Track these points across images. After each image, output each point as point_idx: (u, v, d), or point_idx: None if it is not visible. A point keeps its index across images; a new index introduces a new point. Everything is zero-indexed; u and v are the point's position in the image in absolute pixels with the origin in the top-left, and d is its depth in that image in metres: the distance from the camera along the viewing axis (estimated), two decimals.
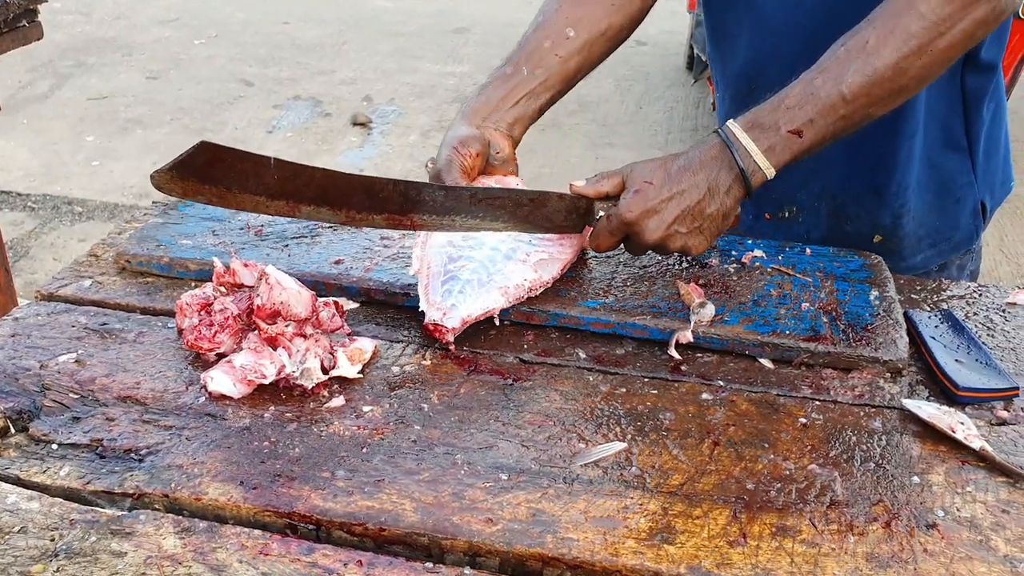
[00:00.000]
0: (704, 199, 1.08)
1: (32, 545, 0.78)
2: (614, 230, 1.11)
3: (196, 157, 0.98)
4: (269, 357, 0.98)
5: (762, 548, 0.80)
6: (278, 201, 1.03)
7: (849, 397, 1.01)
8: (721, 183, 1.08)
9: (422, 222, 1.10)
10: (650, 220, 1.08)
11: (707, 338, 1.07)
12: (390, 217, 1.09)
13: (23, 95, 5.43)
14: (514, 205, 1.12)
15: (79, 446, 0.90)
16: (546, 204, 1.13)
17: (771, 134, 1.07)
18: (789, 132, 1.06)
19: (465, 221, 1.11)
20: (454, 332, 1.05)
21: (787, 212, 1.39)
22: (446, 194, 1.09)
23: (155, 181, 0.98)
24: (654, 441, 0.92)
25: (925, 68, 1.06)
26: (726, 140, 1.08)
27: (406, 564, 0.77)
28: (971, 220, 1.40)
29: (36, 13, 1.92)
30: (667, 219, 1.08)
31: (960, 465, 0.90)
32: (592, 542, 0.79)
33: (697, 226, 1.09)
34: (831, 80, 1.06)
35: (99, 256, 1.25)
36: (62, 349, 1.04)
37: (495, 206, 1.11)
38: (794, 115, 1.06)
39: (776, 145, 1.07)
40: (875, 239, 1.36)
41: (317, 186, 1.05)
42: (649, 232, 1.09)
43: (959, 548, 0.80)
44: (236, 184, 1.01)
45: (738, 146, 1.07)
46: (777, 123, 1.07)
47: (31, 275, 3.66)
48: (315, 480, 0.86)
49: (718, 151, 1.08)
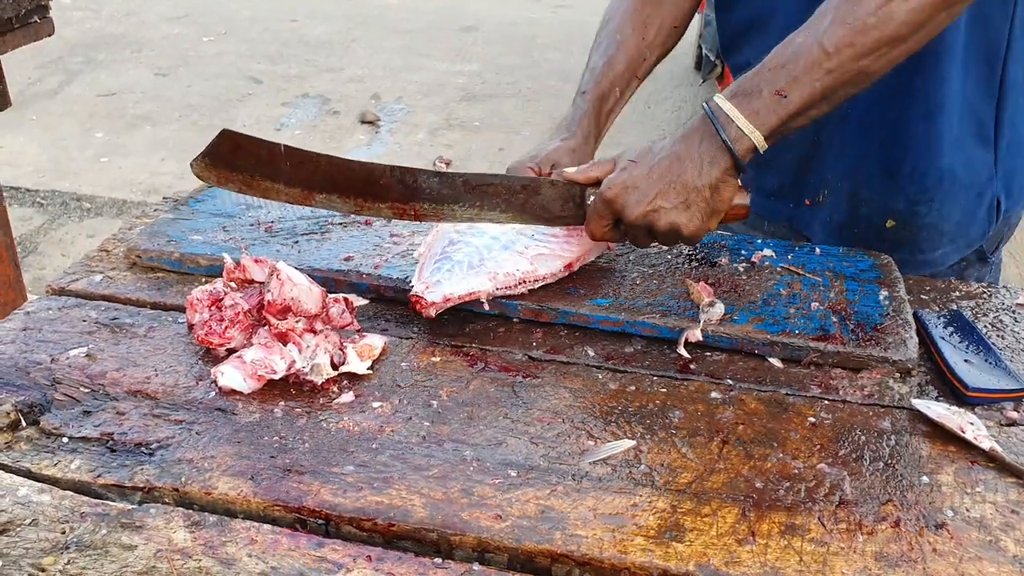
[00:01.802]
0: (685, 171, 1.05)
1: (43, 537, 0.78)
2: (600, 211, 1.09)
3: (221, 145, 1.05)
4: (279, 352, 0.98)
5: (771, 547, 0.80)
6: (293, 189, 1.09)
7: (858, 397, 1.01)
8: (704, 154, 1.05)
9: (423, 211, 1.13)
10: (630, 196, 1.06)
11: (716, 337, 1.07)
12: (394, 206, 1.12)
13: (32, 91, 5.45)
14: (508, 192, 1.13)
15: (90, 440, 0.90)
16: (539, 191, 1.14)
17: (754, 99, 1.03)
18: (773, 94, 1.02)
19: (464, 210, 1.13)
20: (436, 307, 1.06)
21: (822, 196, 1.36)
22: (441, 181, 1.12)
23: (195, 169, 1.07)
24: (663, 439, 0.92)
25: (917, 12, 0.99)
26: (709, 112, 1.05)
27: (415, 559, 0.77)
28: (985, 216, 1.35)
29: (47, 9, 1.93)
30: (648, 194, 1.06)
31: (969, 465, 0.90)
32: (601, 539, 0.79)
33: (682, 200, 1.05)
34: (812, 35, 1.01)
35: (110, 251, 1.25)
36: (73, 343, 1.04)
37: (489, 193, 1.13)
38: (776, 75, 1.02)
39: (760, 109, 1.02)
40: (888, 223, 1.32)
41: (324, 173, 1.09)
42: (631, 208, 1.06)
43: (968, 548, 0.80)
44: (257, 171, 1.08)
45: (719, 115, 1.04)
46: (759, 87, 1.03)
47: (39, 271, 3.68)
48: (324, 475, 0.86)
49: (700, 123, 1.06)
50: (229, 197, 1.34)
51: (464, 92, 5.65)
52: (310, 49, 6.45)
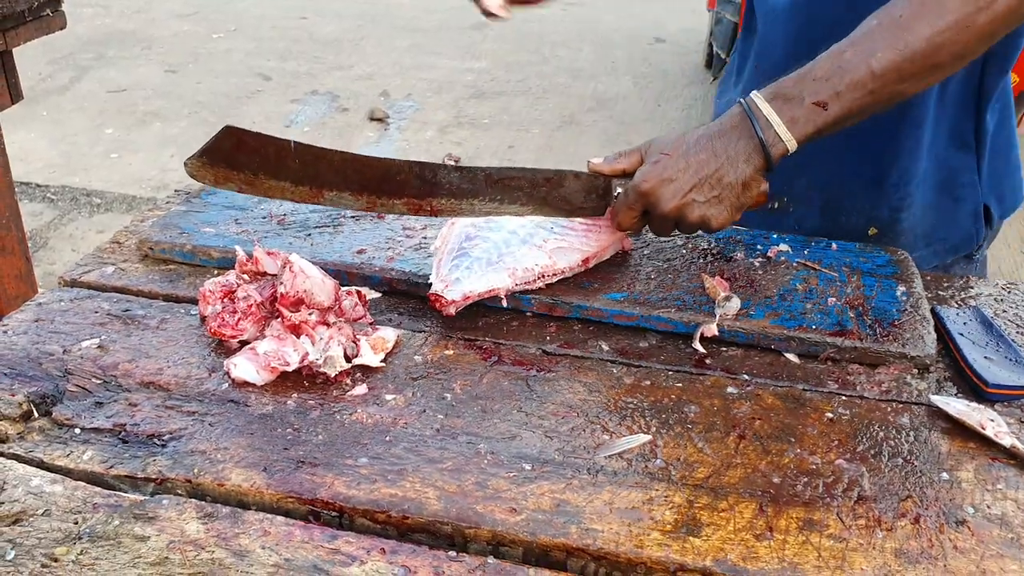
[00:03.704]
0: (722, 167, 1.05)
1: (56, 528, 0.78)
2: (632, 203, 1.09)
3: (222, 142, 1.00)
4: (292, 344, 0.97)
5: (789, 542, 0.79)
6: (302, 187, 1.05)
7: (876, 392, 0.99)
8: (740, 152, 1.05)
9: (441, 206, 1.10)
10: (666, 189, 1.06)
11: (732, 332, 1.06)
12: (409, 201, 1.10)
13: (43, 87, 5.47)
14: (531, 186, 1.12)
15: (102, 431, 0.90)
16: (563, 184, 1.12)
17: (795, 105, 1.04)
18: (814, 104, 1.03)
19: (484, 204, 1.11)
20: (455, 305, 1.05)
21: (776, 203, 1.37)
22: (461, 175, 1.09)
23: (188, 169, 1.01)
24: (679, 434, 0.91)
25: (963, 45, 1.01)
26: (747, 110, 1.06)
27: (429, 552, 0.77)
28: (971, 223, 1.36)
29: (59, 2, 1.93)
30: (683, 187, 1.06)
31: (990, 462, 0.89)
32: (617, 533, 0.79)
33: (716, 195, 1.06)
34: (861, 54, 1.02)
35: (122, 243, 1.25)
36: (85, 335, 1.04)
37: (511, 187, 1.11)
38: (820, 87, 1.03)
39: (799, 117, 1.04)
40: (870, 231, 1.33)
41: (337, 170, 1.06)
42: (665, 201, 1.06)
43: (990, 545, 0.79)
44: (262, 169, 1.03)
45: (759, 116, 1.05)
46: (802, 94, 1.04)
47: (50, 265, 3.69)
48: (338, 467, 0.85)
49: (738, 120, 1.06)
50: None
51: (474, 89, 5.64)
52: (319, 46, 6.45)
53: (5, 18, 1.80)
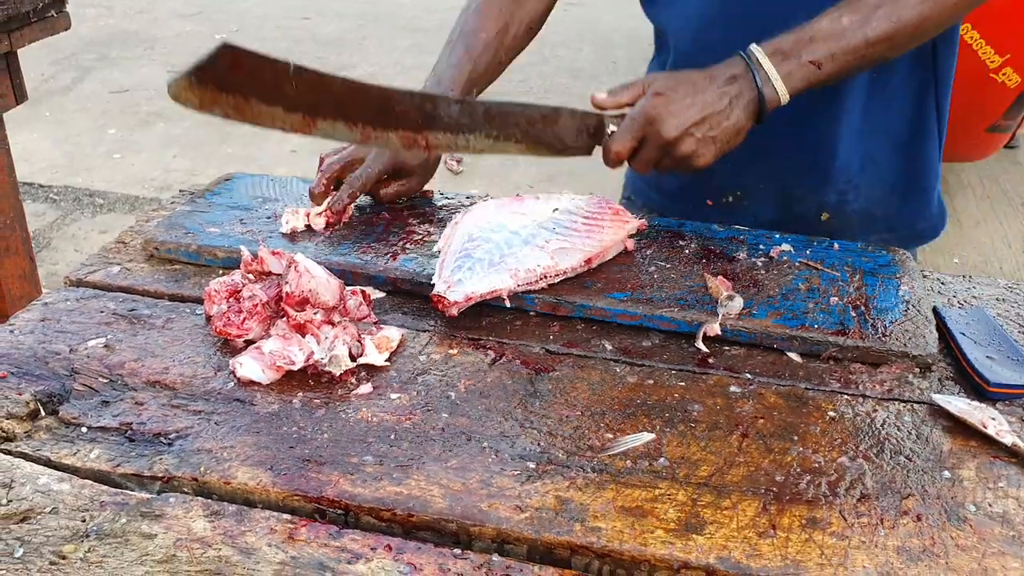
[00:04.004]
0: (724, 110, 1.12)
1: (63, 526, 0.78)
2: (635, 128, 1.14)
3: (217, 62, 0.92)
4: (298, 344, 0.98)
5: (792, 540, 0.79)
6: (294, 114, 0.99)
7: (878, 391, 1.00)
8: (740, 100, 1.13)
9: (436, 140, 1.09)
10: (671, 118, 1.12)
11: (735, 331, 1.06)
12: (405, 135, 1.07)
13: (46, 87, 5.48)
14: (527, 122, 1.14)
15: (108, 429, 0.90)
16: (557, 122, 1.15)
17: (792, 62, 1.12)
18: (809, 62, 1.12)
19: (479, 140, 1.11)
20: (457, 306, 1.05)
21: (730, 197, 1.42)
22: (460, 109, 1.09)
23: (172, 90, 0.92)
24: (682, 432, 0.92)
25: (948, 15, 1.14)
26: (749, 62, 1.13)
27: (435, 550, 0.77)
28: (938, 211, 1.44)
29: (64, 3, 1.94)
30: (687, 120, 1.11)
31: (991, 460, 0.90)
32: (621, 531, 0.79)
33: (712, 135, 1.13)
34: (858, 22, 1.11)
35: (127, 243, 1.25)
36: (91, 334, 1.05)
37: (508, 123, 1.13)
38: (817, 48, 1.12)
39: (794, 72, 1.12)
40: (823, 217, 1.39)
41: (335, 97, 1.01)
42: (668, 129, 1.11)
43: (991, 543, 0.79)
44: (254, 93, 0.95)
45: (759, 69, 1.13)
46: (799, 52, 1.12)
47: (52, 266, 3.69)
48: (344, 465, 0.86)
49: (742, 70, 1.13)
50: (246, 190, 1.35)
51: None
52: (322, 46, 6.46)
53: (10, 19, 1.81)
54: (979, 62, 3.39)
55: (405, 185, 1.33)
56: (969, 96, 3.51)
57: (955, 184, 4.51)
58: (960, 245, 3.96)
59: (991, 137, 3.75)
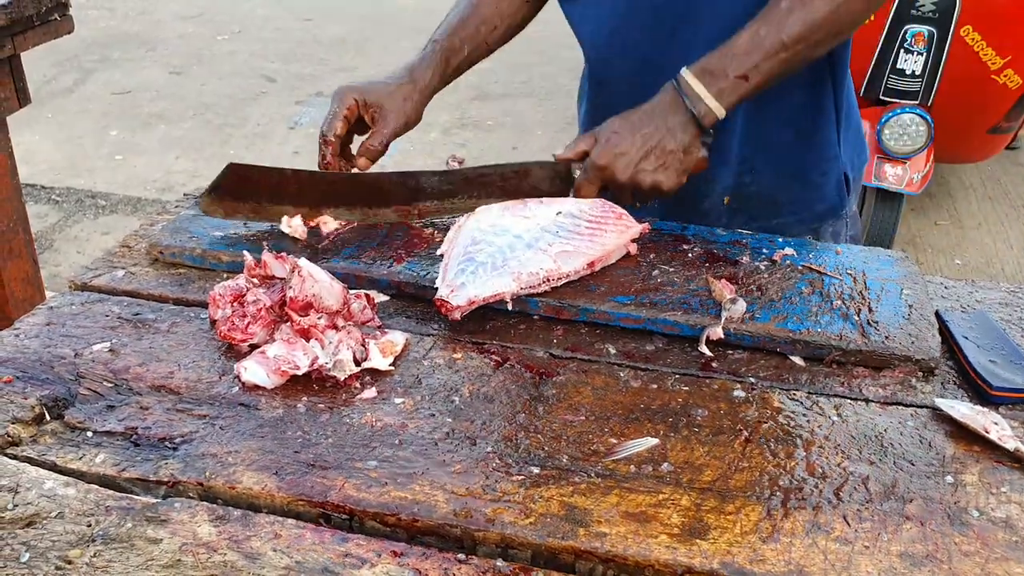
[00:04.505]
0: (664, 138, 1.21)
1: (69, 530, 0.79)
2: (591, 179, 1.25)
3: (226, 178, 1.17)
4: (302, 348, 0.98)
5: (795, 545, 0.79)
6: (302, 207, 1.21)
7: (881, 395, 1.00)
8: (677, 124, 1.21)
9: (426, 209, 1.25)
10: (619, 162, 1.22)
11: (738, 335, 1.07)
12: (398, 208, 1.25)
13: (48, 89, 5.48)
14: (502, 179, 1.27)
15: (114, 434, 0.91)
16: (529, 174, 1.28)
17: (720, 79, 1.20)
18: (737, 77, 1.19)
19: (463, 201, 1.26)
20: (460, 310, 1.06)
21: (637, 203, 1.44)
22: (441, 179, 1.24)
23: (202, 206, 1.20)
24: (686, 437, 0.92)
25: (856, 13, 1.20)
26: (678, 88, 1.21)
27: (439, 555, 0.77)
28: (836, 192, 1.48)
29: (67, 7, 1.94)
30: (634, 159, 1.21)
31: (995, 465, 0.90)
32: (625, 536, 0.79)
33: (662, 163, 1.22)
34: (774, 30, 1.18)
35: (132, 247, 1.26)
36: (96, 338, 1.05)
37: (486, 183, 1.27)
38: (741, 62, 1.19)
39: (725, 89, 1.20)
40: (724, 200, 1.45)
41: (331, 189, 1.21)
42: (620, 172, 1.22)
43: (995, 548, 0.80)
44: (265, 197, 1.19)
45: (689, 92, 1.21)
46: (726, 70, 1.20)
47: (55, 267, 3.70)
48: (348, 470, 0.86)
49: (672, 97, 1.22)
50: None
51: (478, 91, 5.65)
52: (324, 48, 6.46)
53: (13, 23, 1.81)
54: (981, 64, 3.40)
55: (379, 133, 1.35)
56: (971, 98, 3.51)
57: (957, 185, 4.51)
58: (962, 246, 3.96)
59: (993, 138, 3.75)
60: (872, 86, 3.45)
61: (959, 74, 3.37)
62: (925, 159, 3.41)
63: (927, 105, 3.38)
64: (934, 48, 3.31)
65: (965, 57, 3.36)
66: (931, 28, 3.30)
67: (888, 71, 3.39)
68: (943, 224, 4.14)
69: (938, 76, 3.36)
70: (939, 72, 3.35)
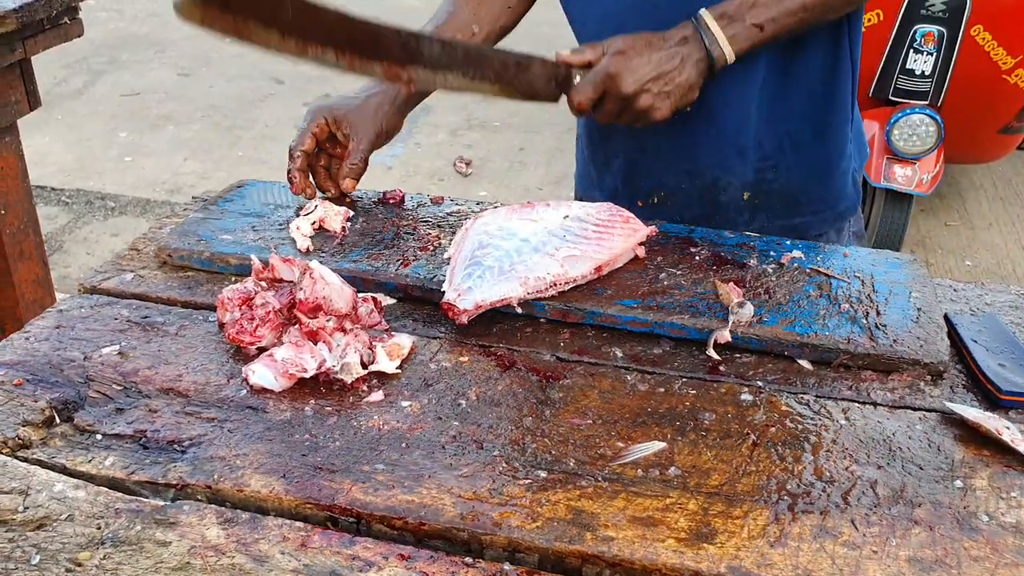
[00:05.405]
0: (677, 67, 1.23)
1: (79, 533, 0.79)
2: (596, 83, 1.24)
3: None
4: (310, 351, 0.99)
5: (803, 549, 0.79)
6: (288, 38, 1.07)
7: (889, 399, 1.00)
8: (691, 59, 1.23)
9: (417, 75, 1.17)
10: (629, 75, 1.22)
11: (746, 338, 1.06)
12: (388, 67, 1.15)
13: (58, 91, 5.51)
14: (501, 65, 1.23)
15: (123, 437, 0.91)
16: (529, 68, 1.24)
17: (736, 24, 1.23)
18: (753, 25, 1.23)
19: (456, 78, 1.20)
20: (467, 314, 1.06)
21: (655, 198, 1.48)
22: (441, 48, 1.18)
23: (177, 5, 0.99)
24: (693, 441, 0.92)
25: None
26: (697, 25, 1.24)
27: (446, 558, 0.77)
28: (853, 189, 1.50)
29: (78, 10, 1.95)
30: (643, 76, 1.22)
31: (1005, 470, 0.89)
32: (632, 540, 0.79)
33: (666, 90, 1.23)
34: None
35: (140, 250, 1.26)
36: (105, 341, 1.05)
37: (484, 64, 1.22)
38: (759, 12, 1.23)
39: (739, 34, 1.23)
40: (744, 196, 1.44)
41: (328, 27, 1.09)
42: (626, 85, 1.22)
43: (1004, 554, 0.79)
44: (254, 16, 1.03)
45: (707, 31, 1.23)
46: (743, 16, 1.23)
47: (64, 268, 3.72)
48: (355, 473, 0.86)
49: (691, 32, 1.24)
50: (258, 197, 1.35)
51: None
52: None
53: (24, 27, 1.82)
54: (992, 64, 3.38)
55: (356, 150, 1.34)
56: (981, 98, 3.50)
57: (967, 186, 4.49)
58: (972, 247, 3.94)
59: (1004, 139, 3.73)
60: (881, 86, 3.44)
61: (969, 74, 3.36)
62: (935, 160, 3.40)
63: (937, 105, 3.37)
64: (944, 48, 3.30)
65: (975, 57, 3.35)
66: (941, 28, 3.29)
67: (897, 71, 3.38)
68: (953, 225, 4.12)
69: (948, 76, 3.34)
70: (949, 72, 3.34)
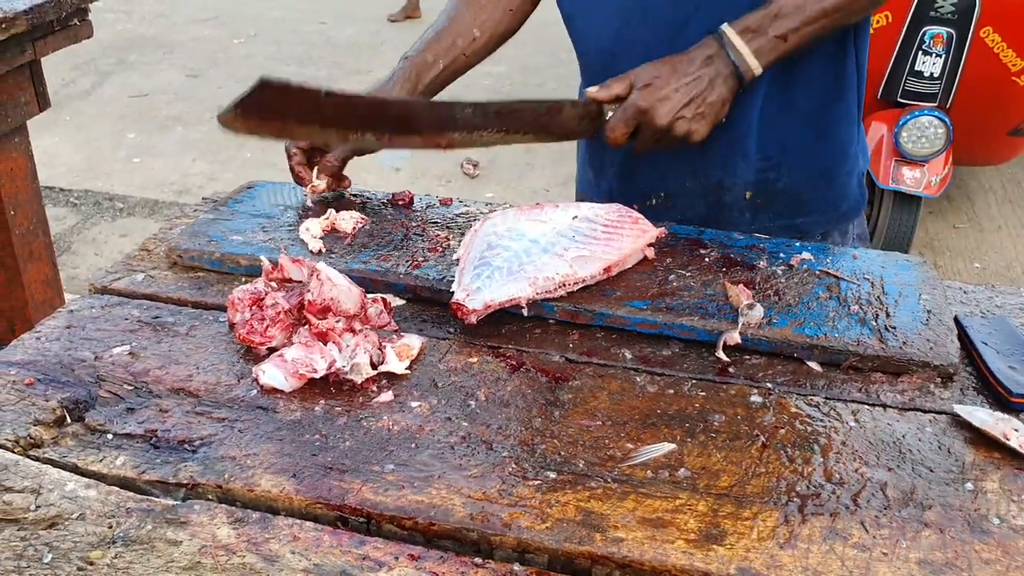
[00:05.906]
0: (707, 88, 1.24)
1: (91, 532, 0.79)
2: (628, 119, 1.25)
3: (258, 96, 1.04)
4: (320, 352, 0.99)
5: (812, 551, 0.79)
6: (329, 129, 1.14)
7: (899, 401, 1.00)
8: (719, 77, 1.24)
9: (454, 140, 1.21)
10: (661, 106, 1.23)
11: (755, 340, 1.06)
12: (426, 138, 1.20)
13: (66, 92, 5.53)
14: (533, 116, 1.25)
15: (134, 436, 0.92)
16: (561, 112, 1.27)
17: (760, 37, 1.24)
18: (776, 37, 1.23)
19: (492, 136, 1.23)
20: (476, 314, 1.06)
21: (654, 200, 1.47)
22: (474, 111, 1.20)
23: (221, 121, 1.06)
24: (703, 443, 0.92)
25: None
26: (721, 42, 1.24)
27: (456, 559, 0.78)
28: (858, 190, 1.51)
29: (87, 12, 1.96)
30: (676, 105, 1.23)
31: (1016, 472, 0.89)
32: (641, 542, 0.79)
33: (700, 112, 1.24)
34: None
35: (151, 250, 1.27)
36: (116, 341, 1.06)
37: (516, 119, 1.24)
38: (782, 24, 1.23)
39: (763, 47, 1.24)
40: (747, 195, 1.44)
41: (363, 113, 1.15)
42: (660, 117, 1.23)
43: (1016, 557, 0.79)
44: (292, 117, 1.10)
45: (731, 47, 1.24)
46: (766, 29, 1.24)
47: (73, 269, 3.73)
48: (365, 474, 0.86)
49: (716, 50, 1.24)
50: (268, 198, 1.36)
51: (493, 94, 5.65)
52: (338, 51, 6.49)
53: (34, 28, 1.83)
54: (1001, 66, 3.37)
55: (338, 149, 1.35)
56: (991, 100, 3.49)
57: (976, 188, 4.48)
58: (981, 249, 3.93)
59: (1013, 141, 3.72)
60: (890, 88, 3.43)
61: (979, 76, 3.35)
62: (944, 162, 3.39)
63: (946, 107, 3.36)
64: (953, 50, 3.29)
65: (985, 59, 3.34)
66: (950, 30, 3.28)
67: (906, 73, 3.37)
68: (962, 227, 4.11)
69: (957, 78, 3.33)
70: (958, 74, 3.33)
